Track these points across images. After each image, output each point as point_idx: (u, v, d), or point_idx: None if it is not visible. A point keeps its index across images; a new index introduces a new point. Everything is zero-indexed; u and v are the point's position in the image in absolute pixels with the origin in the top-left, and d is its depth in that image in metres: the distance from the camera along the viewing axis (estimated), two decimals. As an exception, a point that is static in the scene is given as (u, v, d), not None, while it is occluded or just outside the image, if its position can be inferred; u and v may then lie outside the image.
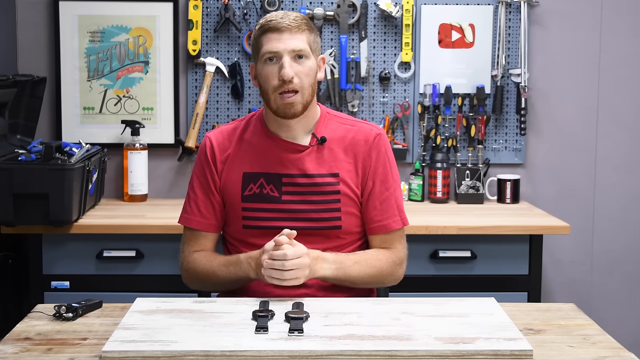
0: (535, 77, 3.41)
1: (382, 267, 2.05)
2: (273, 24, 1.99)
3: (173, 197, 3.38)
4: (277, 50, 1.97)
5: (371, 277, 2.03)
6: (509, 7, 3.36)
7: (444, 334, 1.67)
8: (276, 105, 2.00)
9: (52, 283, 2.87)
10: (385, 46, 3.37)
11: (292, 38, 1.98)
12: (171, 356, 1.57)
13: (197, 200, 2.10)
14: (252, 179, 2.06)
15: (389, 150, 2.12)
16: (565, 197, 3.46)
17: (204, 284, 2.11)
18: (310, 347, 1.59)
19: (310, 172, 2.05)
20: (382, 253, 2.08)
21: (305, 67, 2.00)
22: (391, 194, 2.09)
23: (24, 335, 1.72)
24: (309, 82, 2.01)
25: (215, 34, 3.33)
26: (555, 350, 1.65)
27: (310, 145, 2.06)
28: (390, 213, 2.09)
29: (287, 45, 1.97)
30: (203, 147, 2.12)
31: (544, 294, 3.36)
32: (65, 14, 3.29)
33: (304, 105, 2.01)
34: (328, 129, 2.09)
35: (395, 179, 2.12)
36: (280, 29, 1.98)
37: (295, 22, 1.99)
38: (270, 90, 2.00)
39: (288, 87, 1.97)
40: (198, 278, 2.09)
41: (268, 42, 1.98)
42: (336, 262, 1.98)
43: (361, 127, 2.11)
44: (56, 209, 2.74)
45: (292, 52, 1.98)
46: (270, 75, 1.99)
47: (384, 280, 2.08)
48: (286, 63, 1.97)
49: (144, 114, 3.35)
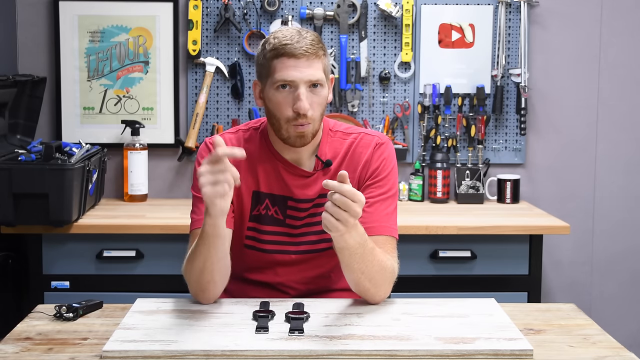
0: (535, 77, 3.41)
1: (387, 268, 1.87)
2: (289, 49, 1.86)
3: (173, 197, 3.39)
4: (293, 80, 1.86)
5: (379, 271, 1.83)
6: (509, 7, 3.36)
7: (444, 334, 1.67)
8: (287, 135, 1.91)
9: (52, 283, 2.87)
10: (385, 46, 3.37)
11: (309, 66, 1.87)
12: (172, 356, 1.57)
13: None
14: (260, 199, 1.99)
15: (389, 160, 2.01)
16: (565, 197, 3.46)
17: (199, 277, 1.83)
18: (311, 347, 1.59)
19: (313, 197, 1.99)
20: (387, 255, 1.89)
21: (320, 96, 1.90)
22: (382, 201, 1.96)
23: (24, 335, 1.72)
24: (320, 111, 1.93)
25: (215, 34, 3.33)
26: (555, 350, 1.65)
27: (316, 170, 1.99)
28: (377, 217, 1.93)
29: (304, 74, 1.86)
30: (206, 151, 1.99)
31: (544, 294, 3.36)
32: (65, 14, 3.29)
33: (313, 134, 1.93)
34: (331, 148, 2.00)
35: (390, 190, 1.99)
36: (297, 56, 1.86)
37: (312, 47, 1.87)
38: (282, 119, 1.89)
39: (302, 121, 1.87)
40: (190, 271, 1.84)
41: (283, 69, 1.87)
42: (363, 237, 1.78)
43: (363, 137, 2.02)
44: (56, 209, 2.74)
45: (308, 82, 1.87)
46: (284, 104, 1.88)
47: (381, 286, 1.86)
48: (303, 95, 1.86)
49: (144, 114, 3.35)
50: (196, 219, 1.95)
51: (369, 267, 1.81)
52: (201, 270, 1.82)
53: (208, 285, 1.85)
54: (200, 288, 1.86)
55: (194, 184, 2.00)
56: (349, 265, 1.81)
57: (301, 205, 1.99)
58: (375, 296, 1.87)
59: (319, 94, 1.90)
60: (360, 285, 1.85)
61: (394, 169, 2.02)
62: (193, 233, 1.94)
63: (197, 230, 1.92)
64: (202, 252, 1.80)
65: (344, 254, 1.79)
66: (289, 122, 1.89)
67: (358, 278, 1.83)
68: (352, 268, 1.81)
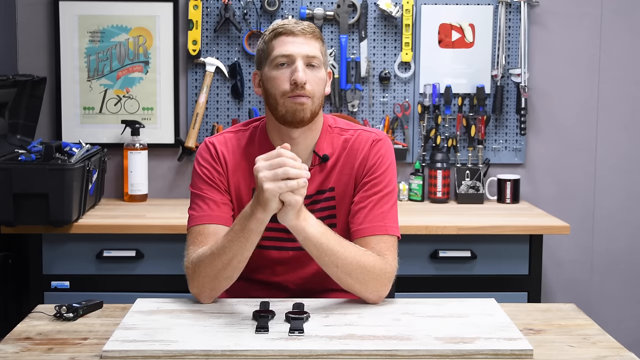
0: (535, 77, 3.42)
1: (369, 265, 1.84)
2: (287, 27, 1.91)
3: (173, 197, 3.39)
4: (290, 53, 1.89)
5: (357, 267, 1.81)
6: (509, 7, 3.36)
7: (444, 334, 1.67)
8: (285, 109, 1.90)
9: (52, 283, 2.87)
10: (385, 46, 3.37)
11: (306, 43, 1.90)
12: (172, 356, 1.57)
13: (205, 199, 1.95)
14: None
15: (387, 157, 1.99)
16: (565, 197, 3.47)
17: (216, 274, 1.81)
18: (311, 347, 1.59)
19: (311, 193, 1.97)
20: (368, 253, 1.87)
21: (317, 76, 1.91)
22: (378, 200, 1.95)
23: (24, 335, 1.72)
24: (319, 91, 1.93)
25: (215, 34, 3.33)
26: (555, 350, 1.66)
27: (313, 165, 1.99)
28: (370, 218, 1.93)
29: (301, 49, 1.90)
30: (206, 151, 2.00)
31: (544, 294, 3.36)
32: (65, 14, 3.29)
33: (312, 113, 1.92)
34: (329, 144, 2.00)
35: (387, 187, 1.97)
36: (295, 33, 1.91)
37: (310, 28, 1.93)
38: (279, 94, 1.89)
39: (300, 92, 1.87)
40: (207, 267, 1.81)
41: (281, 45, 1.90)
42: (322, 226, 1.80)
43: (360, 134, 2.01)
44: (56, 209, 2.74)
45: (305, 58, 1.89)
46: (281, 79, 1.89)
47: (368, 282, 1.84)
48: (300, 66, 1.88)
49: (144, 114, 3.35)
50: (196, 216, 1.95)
51: (342, 260, 1.81)
52: (224, 267, 1.81)
53: (222, 283, 1.84)
54: (212, 286, 1.84)
55: (193, 182, 2.01)
56: (319, 259, 1.82)
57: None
58: (365, 293, 1.86)
59: (316, 73, 1.92)
60: (342, 281, 1.85)
61: (391, 166, 2.00)
62: (193, 230, 1.94)
63: (197, 227, 1.93)
64: (233, 248, 1.78)
65: (310, 247, 1.80)
66: (285, 96, 1.90)
67: (335, 272, 1.83)
68: (324, 262, 1.82)
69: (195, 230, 1.93)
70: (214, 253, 1.81)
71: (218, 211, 1.95)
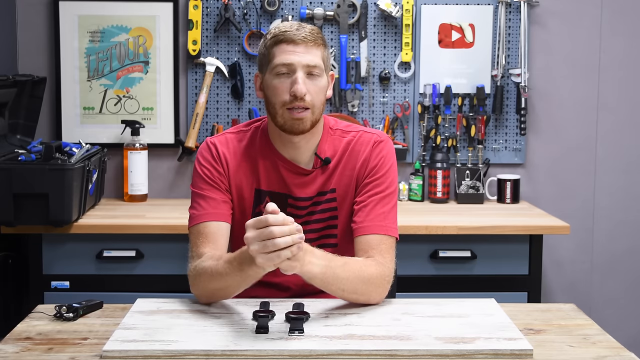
0: (535, 77, 3.41)
1: (371, 276, 1.84)
2: (288, 35, 1.88)
3: (173, 197, 3.39)
4: (291, 63, 1.87)
5: (360, 283, 1.82)
6: (509, 7, 3.36)
7: (444, 334, 1.67)
8: (283, 120, 1.90)
9: (52, 283, 2.87)
10: (385, 46, 3.37)
11: (307, 52, 1.88)
12: (172, 355, 1.57)
13: (206, 197, 1.96)
14: (261, 197, 1.99)
15: (388, 159, 2.00)
16: (565, 197, 3.46)
17: (213, 292, 1.84)
18: (311, 347, 1.59)
19: (312, 194, 1.99)
20: (368, 262, 1.87)
21: (318, 85, 1.91)
22: (379, 200, 1.95)
23: (24, 335, 1.72)
24: (320, 100, 1.92)
25: (215, 34, 3.33)
26: (555, 350, 1.65)
27: (315, 167, 1.99)
28: (372, 217, 1.93)
29: (302, 59, 1.88)
30: (207, 151, 2.01)
31: (544, 294, 3.36)
32: (65, 14, 3.29)
33: (312, 122, 1.92)
34: (331, 146, 2.00)
35: (388, 188, 1.97)
36: (296, 41, 1.88)
37: (312, 35, 1.90)
38: (278, 104, 1.90)
39: (299, 104, 1.87)
40: (205, 283, 1.84)
41: (282, 53, 1.89)
42: (325, 258, 1.78)
43: (362, 135, 2.01)
44: (56, 209, 2.74)
45: (306, 67, 1.88)
46: (281, 89, 1.89)
47: (371, 293, 1.85)
48: (300, 78, 1.87)
49: (144, 114, 3.35)
50: (196, 215, 1.96)
51: (347, 284, 1.81)
52: (220, 289, 1.83)
53: (219, 298, 1.87)
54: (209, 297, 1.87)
55: (193, 181, 2.02)
56: (326, 289, 1.81)
57: (300, 203, 2.00)
58: (368, 301, 1.87)
59: (316, 83, 1.91)
60: (347, 298, 1.86)
61: (392, 167, 2.01)
62: (194, 230, 1.95)
63: (197, 226, 1.94)
64: (229, 280, 1.78)
65: (316, 283, 1.79)
66: (285, 107, 1.89)
67: (342, 295, 1.84)
68: (330, 290, 1.81)
69: (197, 230, 1.94)
70: (213, 275, 1.81)
71: (219, 209, 1.96)
